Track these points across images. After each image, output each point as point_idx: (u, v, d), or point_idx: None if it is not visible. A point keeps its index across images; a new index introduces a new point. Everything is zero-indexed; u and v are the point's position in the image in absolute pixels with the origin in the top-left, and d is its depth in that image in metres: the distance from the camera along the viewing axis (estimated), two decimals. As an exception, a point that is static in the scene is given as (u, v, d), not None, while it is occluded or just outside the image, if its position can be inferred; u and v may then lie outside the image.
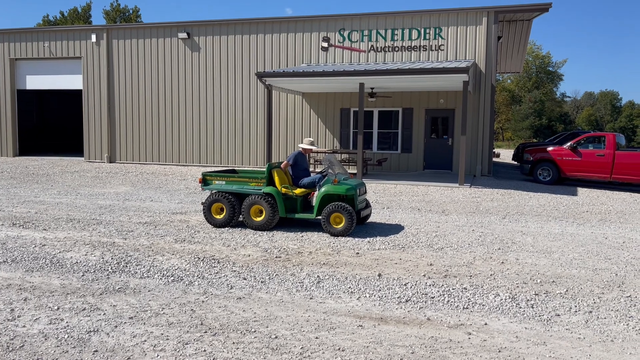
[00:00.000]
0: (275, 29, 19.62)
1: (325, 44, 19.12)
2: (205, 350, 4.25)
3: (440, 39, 18.01)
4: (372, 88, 17.19)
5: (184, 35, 20.38)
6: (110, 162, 21.61)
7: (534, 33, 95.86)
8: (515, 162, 25.07)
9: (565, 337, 4.69)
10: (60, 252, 7.22)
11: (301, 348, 4.33)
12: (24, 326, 4.69)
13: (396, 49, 18.46)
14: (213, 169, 18.85)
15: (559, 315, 5.21)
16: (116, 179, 16.32)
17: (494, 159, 24.51)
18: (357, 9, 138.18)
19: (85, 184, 14.97)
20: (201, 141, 20.75)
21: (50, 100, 28.31)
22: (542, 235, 8.89)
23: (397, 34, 18.41)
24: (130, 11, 55.97)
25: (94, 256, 7.02)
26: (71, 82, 22.33)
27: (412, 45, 18.29)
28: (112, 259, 6.90)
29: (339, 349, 4.33)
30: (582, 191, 15.24)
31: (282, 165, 9.15)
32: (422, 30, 18.15)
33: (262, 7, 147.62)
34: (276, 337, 4.53)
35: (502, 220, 10.32)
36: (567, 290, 5.92)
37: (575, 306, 5.45)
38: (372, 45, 18.67)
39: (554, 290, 5.93)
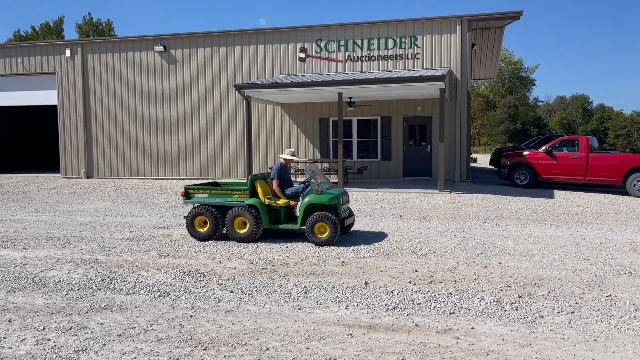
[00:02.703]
0: (252, 41, 19.68)
1: (302, 55, 19.24)
2: (196, 365, 4.24)
3: (416, 47, 18.29)
4: (350, 97, 17.34)
5: (160, 48, 20.30)
6: (88, 178, 21.32)
7: (506, 40, 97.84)
8: (493, 167, 25.49)
9: (550, 337, 4.80)
10: (42, 271, 7.11)
11: (293, 359, 4.35)
12: (10, 347, 4.62)
13: (373, 58, 18.68)
14: (193, 182, 18.73)
15: (542, 316, 5.33)
16: (95, 194, 16.11)
17: (472, 164, 24.88)
18: (332, 19, 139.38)
19: (63, 200, 14.75)
20: (180, 154, 20.63)
21: (24, 116, 27.85)
22: (522, 239, 9.07)
23: (373, 44, 18.63)
24: (103, 24, 55.45)
25: (77, 274, 6.93)
26: (46, 97, 22.01)
27: (389, 55, 18.53)
28: (95, 276, 6.82)
29: (331, 358, 4.36)
30: (558, 194, 15.57)
31: (274, 187, 9.13)
32: (398, 40, 18.41)
33: (236, 18, 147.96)
34: (267, 349, 4.54)
35: (483, 224, 10.49)
36: (549, 292, 6.05)
37: (558, 307, 5.57)
38: (349, 55, 18.85)
39: (537, 292, 6.06)
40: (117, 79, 21.02)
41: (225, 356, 4.41)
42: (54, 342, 4.73)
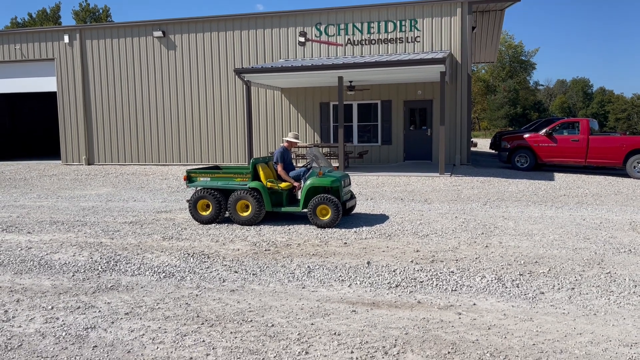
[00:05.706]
0: (251, 25, 19.59)
1: (302, 39, 19.16)
2: (204, 341, 4.32)
3: (416, 30, 18.21)
4: (350, 81, 17.30)
5: (159, 33, 20.21)
6: (89, 164, 21.35)
7: (507, 23, 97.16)
8: (493, 151, 25.49)
9: (550, 312, 4.88)
10: (47, 254, 7.18)
11: (298, 334, 4.43)
12: (20, 326, 4.70)
13: (373, 41, 18.60)
14: (194, 167, 18.76)
15: (543, 293, 5.40)
16: (96, 180, 16.16)
17: (472, 149, 24.85)
18: (331, 2, 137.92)
19: (65, 186, 14.80)
20: (180, 140, 20.64)
21: (23, 103, 27.78)
22: (522, 219, 9.13)
23: (373, 27, 18.54)
24: (100, 11, 55.14)
25: (83, 256, 7.01)
26: (45, 84, 21.94)
27: (389, 38, 18.45)
28: (101, 258, 6.89)
29: (335, 333, 4.44)
30: (558, 176, 15.62)
31: (279, 171, 9.16)
32: (398, 23, 18.32)
33: (233, 3, 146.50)
34: (272, 325, 4.62)
35: (484, 206, 10.55)
36: (549, 270, 6.13)
37: (559, 284, 5.65)
38: (349, 39, 18.78)
39: (537, 270, 6.14)
40: (117, 64, 20.95)
41: (231, 332, 4.49)
42: (62, 320, 4.81)
